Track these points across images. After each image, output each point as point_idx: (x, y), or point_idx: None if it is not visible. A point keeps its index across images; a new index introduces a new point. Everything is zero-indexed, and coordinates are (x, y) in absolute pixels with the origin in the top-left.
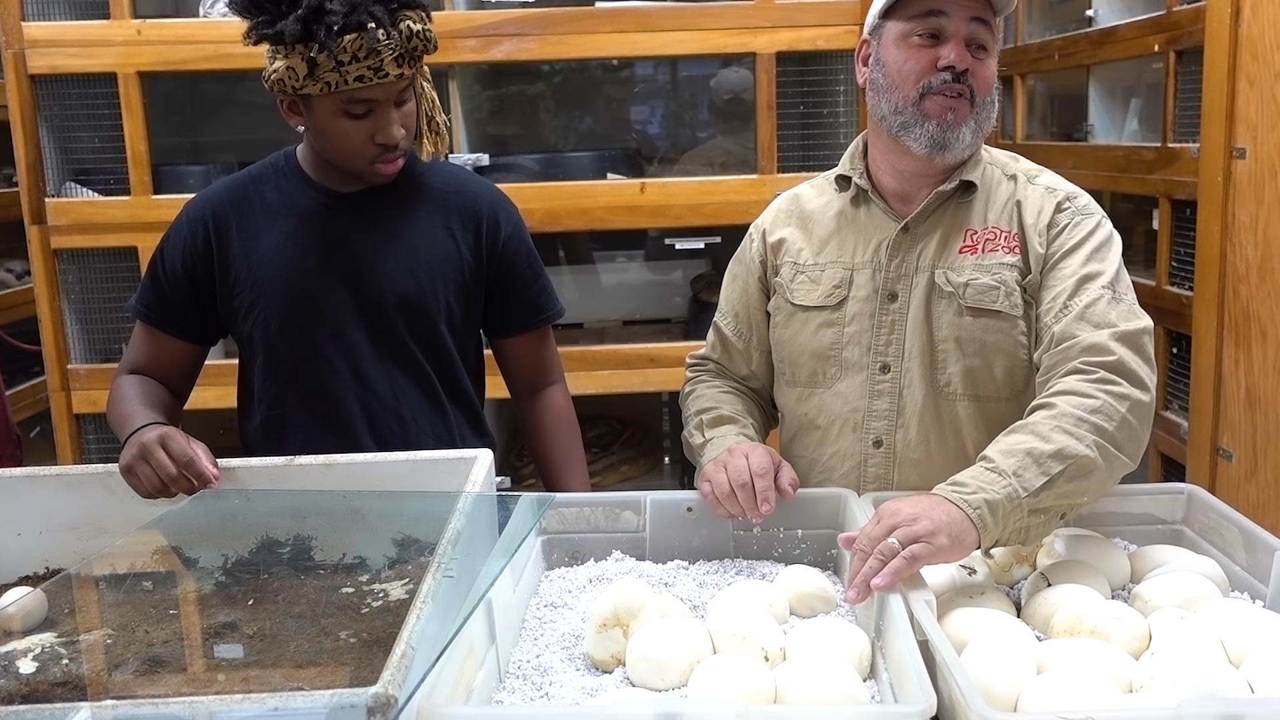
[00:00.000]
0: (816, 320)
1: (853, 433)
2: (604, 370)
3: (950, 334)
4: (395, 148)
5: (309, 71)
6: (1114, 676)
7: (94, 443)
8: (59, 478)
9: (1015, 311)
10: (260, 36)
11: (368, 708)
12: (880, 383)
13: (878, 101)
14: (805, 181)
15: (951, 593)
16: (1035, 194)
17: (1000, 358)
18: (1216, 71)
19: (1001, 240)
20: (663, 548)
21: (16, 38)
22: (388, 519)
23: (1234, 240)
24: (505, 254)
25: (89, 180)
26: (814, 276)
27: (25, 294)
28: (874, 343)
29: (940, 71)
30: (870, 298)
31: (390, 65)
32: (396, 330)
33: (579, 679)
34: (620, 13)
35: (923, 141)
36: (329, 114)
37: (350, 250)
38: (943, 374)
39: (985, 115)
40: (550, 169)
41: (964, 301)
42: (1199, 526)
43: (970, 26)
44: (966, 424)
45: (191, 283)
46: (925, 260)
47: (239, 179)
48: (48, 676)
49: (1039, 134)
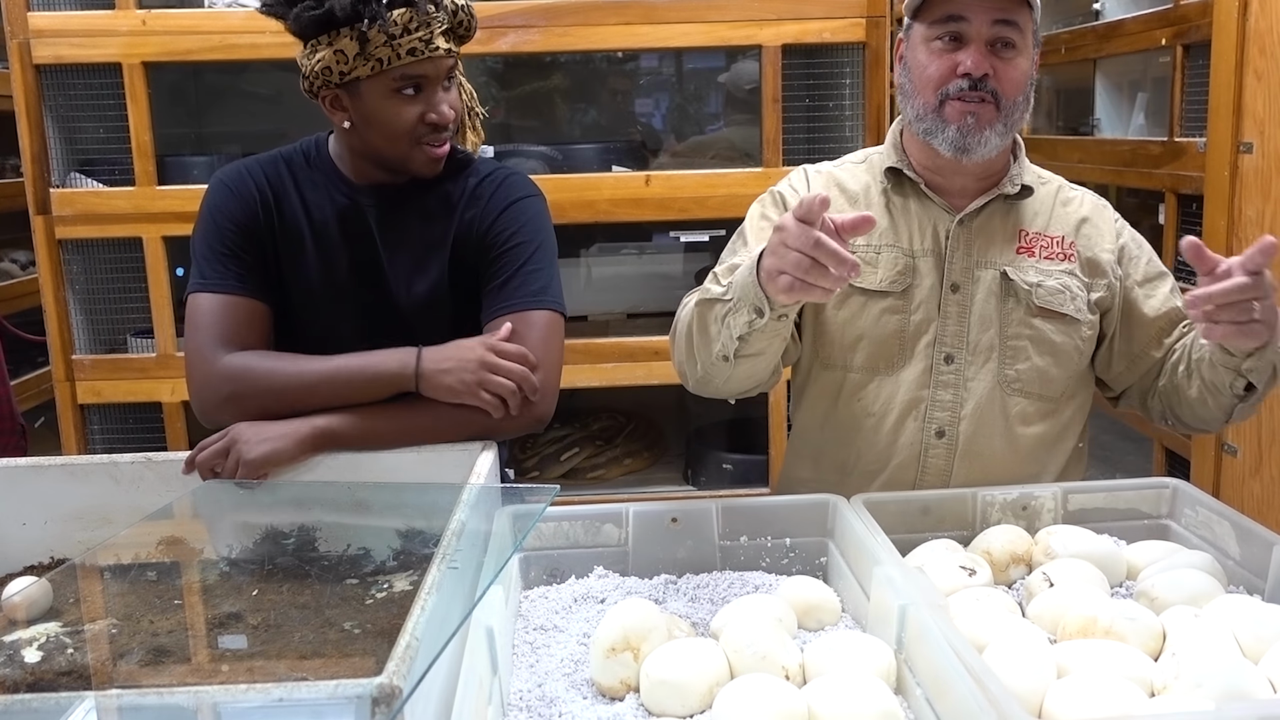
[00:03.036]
0: (879, 305)
1: (914, 422)
2: (608, 363)
3: (1022, 331)
4: (445, 128)
5: (360, 50)
6: (1135, 678)
7: (98, 433)
8: (64, 468)
9: (1081, 316)
10: (310, 21)
11: (372, 698)
12: (944, 373)
13: (905, 105)
14: (825, 163)
15: (954, 594)
16: (1086, 204)
17: (1066, 360)
18: (1224, 66)
19: (1056, 246)
20: (646, 562)
21: (22, 27)
22: (392, 511)
23: (1240, 235)
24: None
25: (93, 171)
26: (869, 259)
27: (30, 284)
28: (940, 333)
29: (959, 78)
30: (934, 287)
31: (440, 39)
32: (415, 330)
33: (590, 709)
34: (626, 5)
35: (946, 145)
36: (379, 96)
37: (375, 249)
38: (1011, 369)
39: (1016, 116)
40: (555, 161)
41: (1036, 301)
42: (1186, 521)
43: (994, 29)
44: (1027, 420)
45: (254, 235)
46: (989, 256)
47: (270, 161)
48: (52, 666)
49: (1045, 128)
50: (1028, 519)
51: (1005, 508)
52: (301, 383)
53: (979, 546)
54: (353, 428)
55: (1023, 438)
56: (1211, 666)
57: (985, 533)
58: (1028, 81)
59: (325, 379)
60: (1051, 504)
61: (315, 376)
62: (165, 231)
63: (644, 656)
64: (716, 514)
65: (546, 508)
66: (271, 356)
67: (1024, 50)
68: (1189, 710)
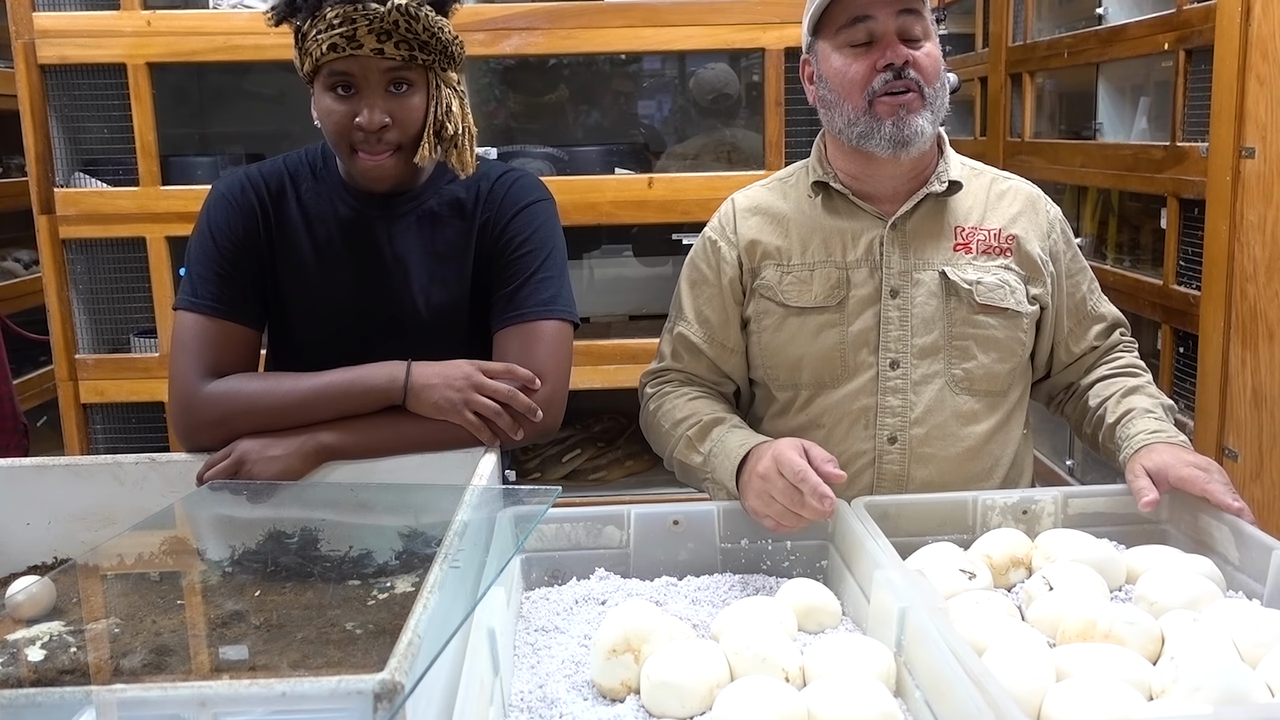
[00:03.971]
0: (816, 321)
1: (864, 430)
2: (609, 365)
3: (966, 330)
4: (377, 136)
5: (302, 45)
6: (1134, 681)
7: (100, 432)
8: (68, 468)
9: (1023, 309)
10: (275, 10)
11: (374, 694)
12: (890, 379)
13: (831, 117)
14: (752, 185)
15: (954, 597)
16: (1019, 192)
17: (1010, 354)
18: (1226, 70)
19: (993, 239)
20: (648, 563)
21: (27, 28)
22: (395, 512)
23: (1242, 240)
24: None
25: (97, 171)
26: (803, 277)
27: (33, 283)
28: (882, 340)
29: (881, 73)
30: (872, 296)
31: (367, 38)
32: (425, 340)
33: (590, 710)
34: (629, 8)
35: (883, 144)
36: (319, 93)
37: (383, 260)
38: (958, 369)
39: (939, 101)
40: (558, 163)
41: (978, 299)
42: (1184, 526)
43: (899, 21)
44: (977, 417)
45: (253, 252)
46: (925, 257)
47: (273, 171)
48: (55, 664)
49: (1047, 132)
50: (1028, 523)
51: (1005, 511)
52: (291, 401)
53: (979, 550)
54: (355, 442)
55: (974, 435)
56: (1210, 670)
57: (985, 536)
58: (941, 67)
59: (315, 396)
60: (1051, 508)
61: (304, 394)
62: (169, 231)
63: (645, 658)
64: (718, 516)
65: (548, 509)
66: (258, 377)
67: (930, 37)
68: (1187, 714)
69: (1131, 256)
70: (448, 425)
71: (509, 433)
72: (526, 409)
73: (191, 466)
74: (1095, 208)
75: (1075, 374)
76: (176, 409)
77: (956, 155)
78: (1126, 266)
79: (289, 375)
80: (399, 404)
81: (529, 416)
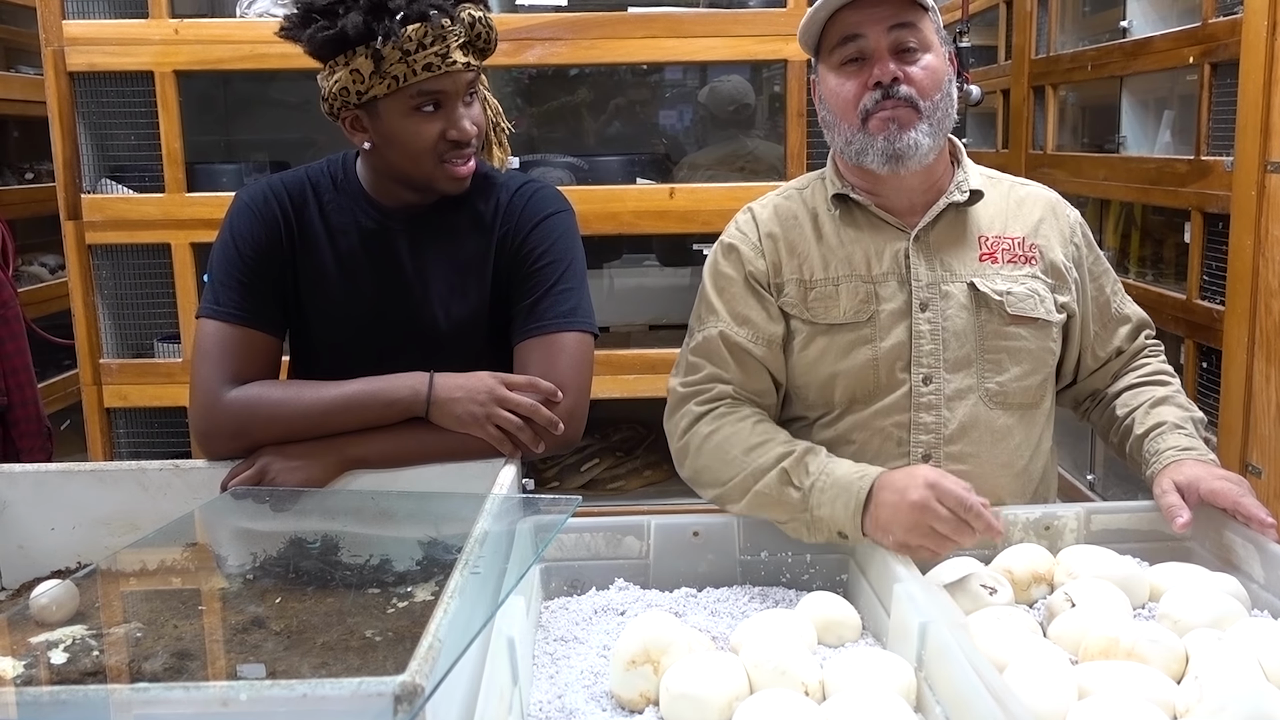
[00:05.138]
0: (846, 338)
1: (896, 447)
2: (629, 374)
3: (998, 343)
4: (468, 145)
5: (375, 69)
6: (1158, 700)
7: (124, 437)
8: (93, 474)
9: (1052, 318)
10: (324, 41)
11: (394, 696)
12: (923, 395)
13: (832, 136)
14: (768, 195)
15: (975, 613)
16: (1037, 198)
17: (1041, 364)
18: (1252, 84)
19: (1018, 248)
20: (668, 574)
21: (56, 35)
22: (415, 520)
23: (1267, 255)
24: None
25: (124, 177)
26: (828, 293)
27: (59, 288)
28: (914, 355)
29: (871, 90)
30: (902, 310)
31: (457, 53)
32: (444, 352)
33: None
34: (652, 18)
35: (878, 160)
36: (397, 114)
37: (404, 272)
38: (992, 382)
39: (939, 115)
40: (579, 173)
41: (1009, 310)
42: (1209, 543)
43: (891, 36)
44: (1010, 431)
45: (275, 261)
46: (953, 268)
47: (296, 182)
48: (78, 667)
49: (1070, 144)
50: (1050, 538)
51: (1027, 527)
52: (314, 410)
53: (1000, 565)
54: (378, 452)
55: (1007, 450)
56: (1235, 690)
57: (1007, 551)
58: (943, 79)
59: (337, 406)
60: (1074, 524)
61: (327, 404)
62: (193, 238)
63: (664, 670)
64: (738, 528)
65: (568, 519)
66: (280, 386)
67: (930, 48)
68: None
69: (1155, 271)
70: (469, 436)
71: (530, 446)
72: (549, 423)
73: (215, 473)
74: (1118, 221)
75: (1102, 380)
76: (198, 416)
77: (975, 165)
78: (1149, 281)
79: (311, 384)
80: (421, 416)
81: (551, 430)
